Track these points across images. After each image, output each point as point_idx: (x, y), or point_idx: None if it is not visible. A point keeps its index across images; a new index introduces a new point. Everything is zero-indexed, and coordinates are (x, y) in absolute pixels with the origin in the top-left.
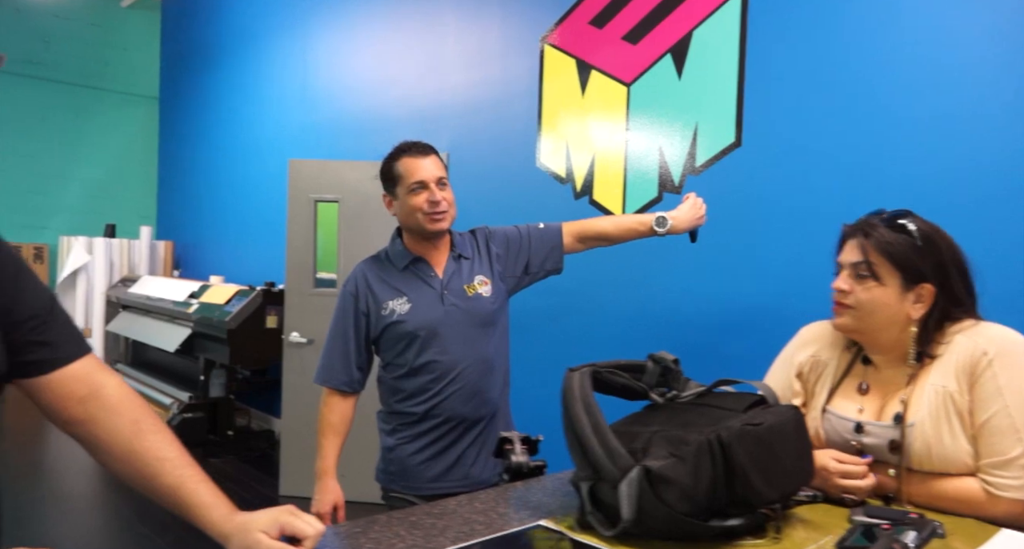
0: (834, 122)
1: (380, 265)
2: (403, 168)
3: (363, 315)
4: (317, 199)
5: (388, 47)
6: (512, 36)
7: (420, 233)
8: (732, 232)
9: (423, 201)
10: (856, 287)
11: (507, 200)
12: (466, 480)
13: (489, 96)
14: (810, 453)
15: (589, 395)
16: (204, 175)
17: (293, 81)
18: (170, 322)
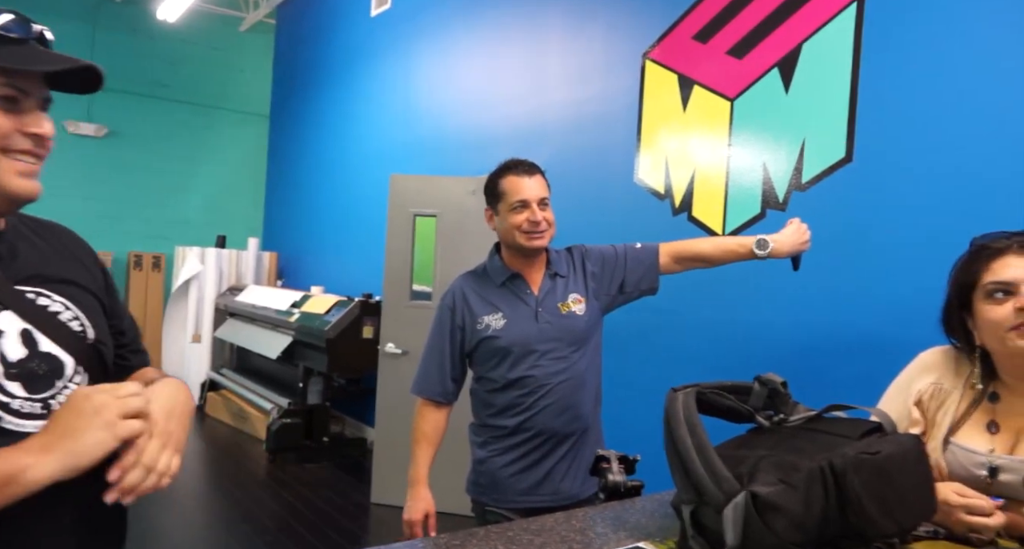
0: (951, 139)
1: (478, 280)
2: (507, 186)
3: (459, 329)
4: (416, 213)
5: (491, 65)
6: (614, 52)
7: (518, 250)
8: (840, 250)
9: (523, 220)
10: None
11: (605, 216)
12: (556, 495)
13: (590, 112)
14: (932, 486)
15: (694, 416)
16: (308, 189)
17: (396, 99)
18: (273, 330)
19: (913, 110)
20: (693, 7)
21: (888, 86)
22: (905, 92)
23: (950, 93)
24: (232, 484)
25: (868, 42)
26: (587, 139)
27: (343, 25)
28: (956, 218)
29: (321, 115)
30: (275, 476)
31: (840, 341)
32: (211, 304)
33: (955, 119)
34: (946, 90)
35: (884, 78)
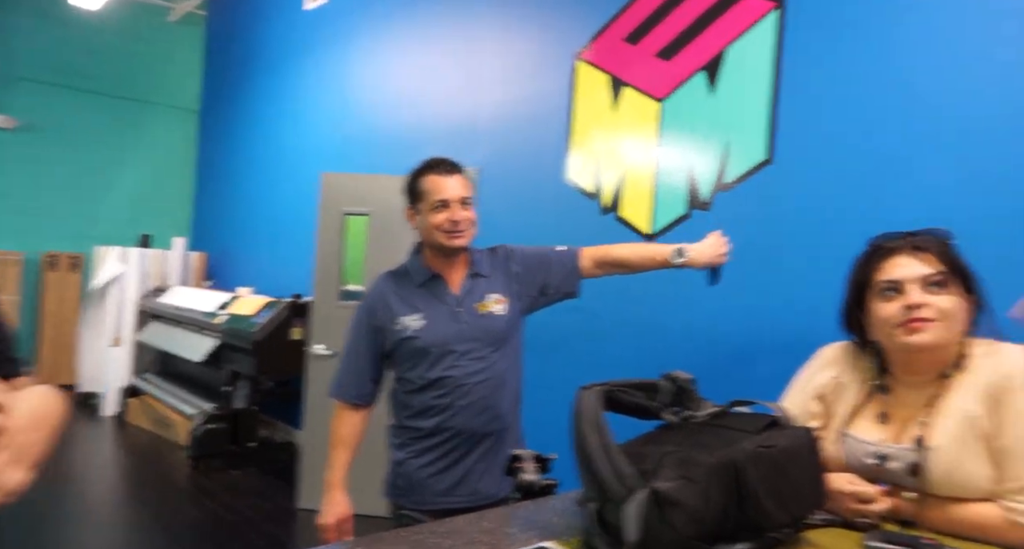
0: (866, 141)
1: (398, 280)
2: (428, 185)
3: (377, 330)
4: (347, 212)
5: (425, 64)
6: (546, 53)
7: (439, 249)
8: (760, 250)
9: (444, 219)
10: (932, 300)
11: (536, 216)
12: (474, 495)
13: (522, 112)
14: (823, 476)
15: (600, 414)
16: (239, 187)
17: (330, 96)
18: (198, 332)
19: (829, 114)
20: (624, 9)
21: (806, 91)
22: (822, 96)
23: (865, 98)
24: (152, 492)
25: (788, 48)
26: (519, 138)
27: (276, 19)
28: (870, 219)
29: (253, 111)
30: (198, 483)
31: (760, 339)
32: (133, 306)
33: (869, 123)
34: (861, 95)
35: (802, 83)
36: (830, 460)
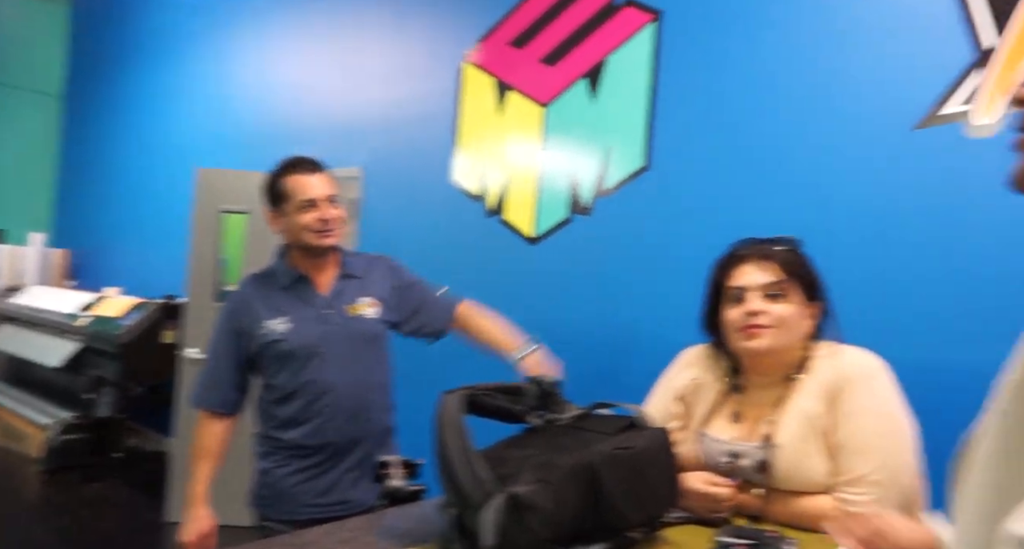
0: (735, 149)
1: (264, 282)
2: (292, 185)
3: (241, 334)
4: (224, 210)
5: (308, 59)
6: (433, 54)
7: (308, 250)
8: (637, 255)
9: (313, 219)
10: (770, 307)
11: (421, 217)
12: (345, 504)
13: (407, 112)
14: (678, 476)
15: (460, 419)
16: (107, 180)
17: (207, 87)
18: (57, 336)
19: (701, 123)
20: (509, 14)
21: (680, 100)
22: (695, 106)
23: (733, 108)
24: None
25: (664, 59)
26: (405, 139)
27: (151, 3)
28: (739, 224)
29: (123, 98)
30: (52, 499)
31: (637, 340)
32: None
33: (738, 132)
34: (730, 106)
35: (677, 93)
36: (688, 459)
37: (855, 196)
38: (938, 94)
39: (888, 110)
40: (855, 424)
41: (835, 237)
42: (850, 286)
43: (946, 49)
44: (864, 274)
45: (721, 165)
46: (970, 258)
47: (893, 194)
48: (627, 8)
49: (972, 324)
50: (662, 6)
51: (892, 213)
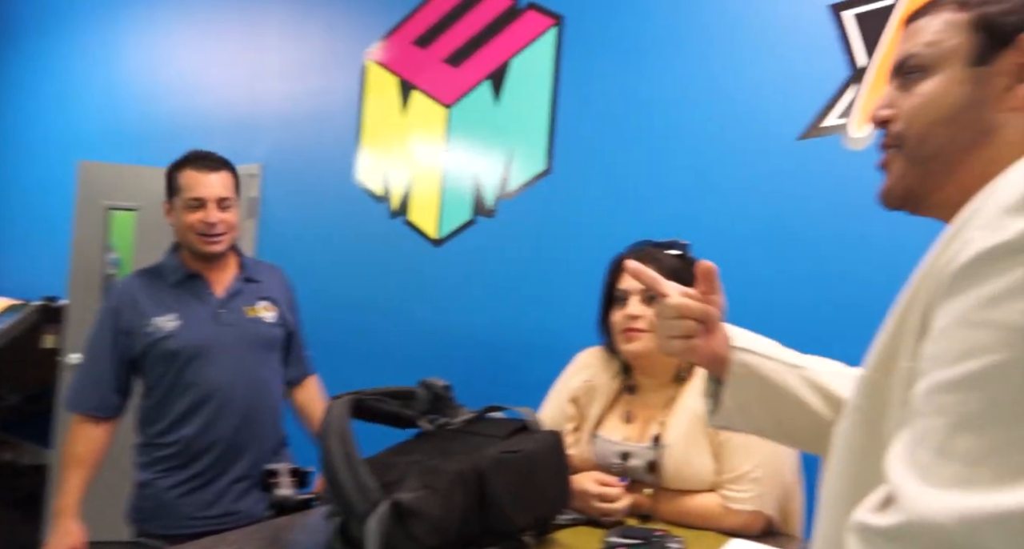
0: (631, 155)
1: (151, 279)
2: (185, 180)
3: (123, 333)
4: (111, 207)
5: (205, 48)
6: (336, 50)
7: (193, 251)
8: (539, 258)
9: (197, 220)
10: (648, 311)
11: (323, 216)
12: (231, 516)
13: (309, 109)
14: (567, 477)
15: (345, 425)
16: None
17: (94, 75)
18: None
19: (600, 128)
20: (413, 13)
21: (580, 105)
22: (593, 111)
23: (630, 115)
24: None
25: (565, 64)
26: (307, 135)
27: None
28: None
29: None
30: None
31: (538, 342)
32: None
33: (634, 138)
34: (626, 112)
35: (577, 98)
36: (581, 460)
37: (746, 201)
38: (819, 107)
39: (775, 120)
40: None
41: (727, 240)
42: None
43: (826, 65)
44: (754, 276)
45: (620, 170)
46: (849, 260)
47: (780, 200)
48: (529, 11)
49: (850, 323)
50: (563, 11)
51: (779, 218)
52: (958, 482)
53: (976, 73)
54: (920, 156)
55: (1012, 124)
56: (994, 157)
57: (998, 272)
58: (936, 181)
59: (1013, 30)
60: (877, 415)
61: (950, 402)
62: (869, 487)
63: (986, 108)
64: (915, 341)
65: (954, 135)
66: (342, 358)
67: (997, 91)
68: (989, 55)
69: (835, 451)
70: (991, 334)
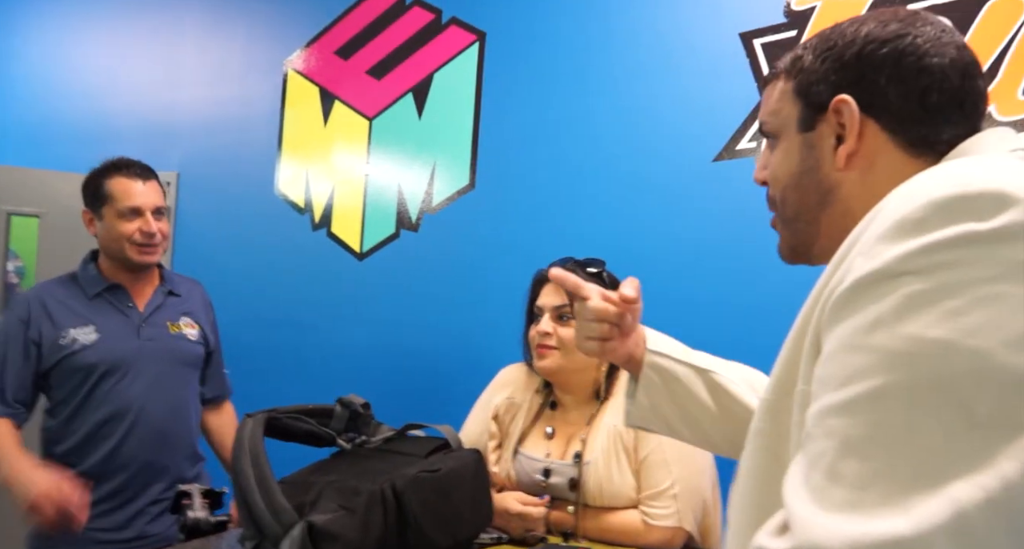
0: (552, 172)
1: (65, 289)
2: (116, 188)
3: (33, 344)
4: (11, 212)
5: (116, 49)
6: (256, 56)
7: (124, 262)
8: (463, 273)
9: (135, 229)
10: (559, 329)
11: (242, 228)
12: (143, 540)
13: (227, 116)
14: (488, 496)
15: (258, 444)
16: None
17: None
18: None
19: (523, 147)
20: (336, 22)
21: (502, 121)
22: (515, 128)
23: (551, 133)
24: None
25: (487, 80)
26: (224, 143)
27: None
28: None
29: None
30: None
31: (460, 358)
32: None
33: (554, 155)
34: (548, 130)
35: (499, 114)
36: (503, 479)
37: (664, 219)
38: (732, 130)
39: (691, 142)
40: (656, 440)
41: (646, 257)
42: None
43: (737, 90)
44: (671, 293)
45: (542, 186)
46: (764, 275)
47: (697, 218)
48: (452, 27)
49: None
50: (485, 27)
51: (695, 235)
52: (846, 506)
53: (806, 139)
54: (786, 218)
55: (847, 181)
56: (844, 211)
57: (876, 298)
58: (809, 236)
59: (824, 98)
60: (778, 438)
61: (837, 426)
62: (772, 510)
63: (821, 170)
64: (809, 364)
65: (802, 198)
66: (260, 375)
67: (826, 154)
68: (812, 121)
69: (740, 475)
70: (871, 358)
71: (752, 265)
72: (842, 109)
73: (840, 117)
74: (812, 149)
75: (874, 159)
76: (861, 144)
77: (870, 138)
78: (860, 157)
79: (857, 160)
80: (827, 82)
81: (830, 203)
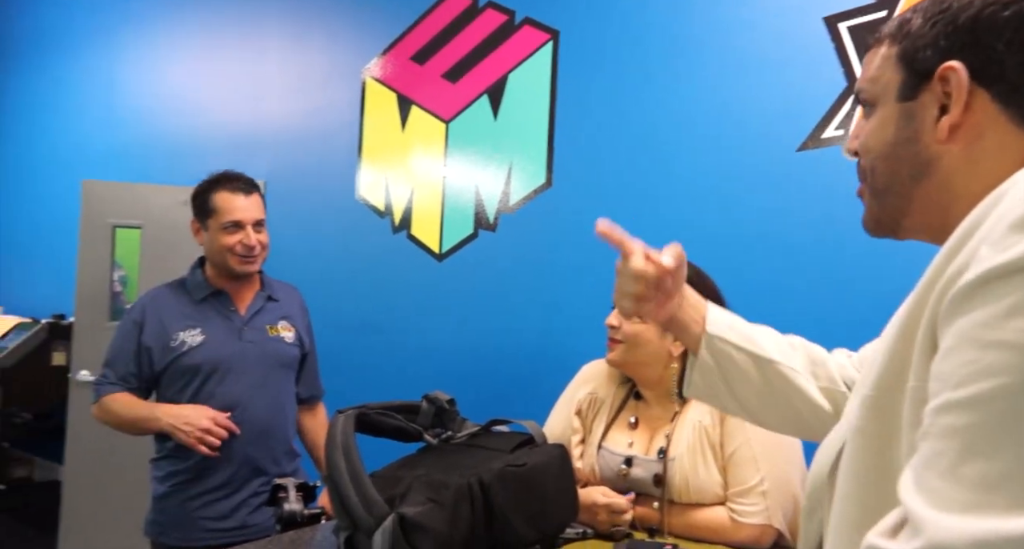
0: (631, 169)
1: (175, 294)
2: (221, 202)
3: (146, 347)
4: (116, 224)
5: (206, 68)
6: (335, 66)
7: (226, 271)
8: (541, 271)
9: (236, 242)
10: (624, 323)
11: (325, 233)
12: (244, 530)
13: (309, 125)
14: (574, 491)
15: (350, 439)
16: None
17: (95, 95)
18: None
19: (599, 142)
20: (411, 29)
21: (578, 118)
22: (593, 125)
23: (627, 127)
24: None
25: (562, 78)
26: (307, 152)
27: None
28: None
29: (2, 103)
30: None
31: (540, 356)
32: None
33: (632, 150)
34: (624, 124)
35: (575, 111)
36: (586, 473)
37: (745, 212)
38: (817, 119)
39: (774, 131)
40: (743, 436)
41: (726, 251)
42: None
43: (823, 77)
44: (752, 286)
45: (620, 181)
46: (848, 270)
47: (779, 210)
48: (525, 27)
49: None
50: (559, 26)
51: (778, 227)
52: (971, 508)
53: (905, 109)
54: (876, 189)
55: (948, 155)
56: (942, 186)
57: (1006, 292)
58: (898, 210)
59: (930, 65)
60: (886, 437)
61: (959, 425)
62: (879, 511)
63: (919, 142)
64: (923, 359)
65: (896, 169)
66: (345, 374)
67: (927, 125)
68: (914, 90)
69: (842, 475)
70: (1000, 355)
71: (836, 258)
72: (949, 76)
73: (946, 85)
74: (911, 119)
75: (981, 132)
76: (967, 116)
77: (978, 110)
78: (965, 130)
79: (961, 133)
80: (935, 47)
81: (926, 176)
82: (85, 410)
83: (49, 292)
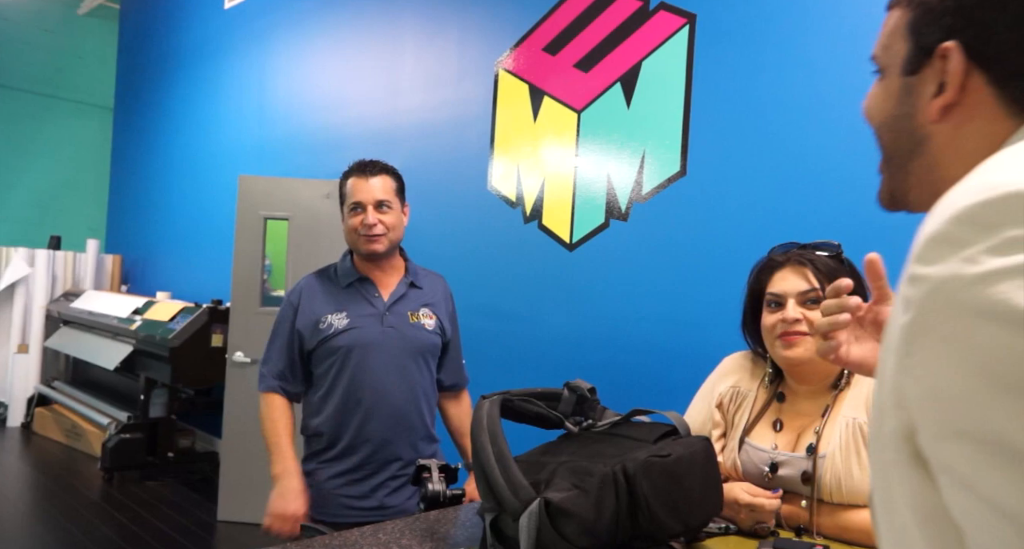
0: (769, 156)
1: (326, 280)
2: (348, 187)
3: (299, 329)
4: (267, 216)
5: (346, 66)
6: (468, 60)
7: (358, 253)
8: (675, 261)
9: (358, 223)
10: (809, 315)
11: (457, 222)
12: (383, 510)
13: (444, 118)
14: (719, 485)
15: (496, 424)
16: (156, 189)
17: (248, 97)
18: (112, 339)
19: (738, 129)
20: (543, 20)
21: (716, 105)
22: (732, 112)
23: (769, 113)
24: (61, 507)
25: (699, 63)
26: (441, 144)
27: (194, 15)
28: (776, 229)
29: (169, 110)
30: (110, 497)
31: (673, 347)
32: (41, 311)
33: (774, 136)
34: (765, 110)
35: (712, 98)
36: (728, 468)
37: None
38: None
39: None
40: None
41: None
42: None
43: None
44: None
45: (757, 170)
46: None
47: None
48: (660, 12)
49: None
50: (695, 9)
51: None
52: None
53: (907, 83)
54: (883, 159)
55: (939, 134)
56: (931, 164)
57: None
58: (901, 183)
59: (933, 41)
60: None
61: None
62: None
63: (915, 118)
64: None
65: (895, 140)
66: (479, 363)
67: (924, 102)
68: (917, 64)
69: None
70: None
71: None
72: (949, 55)
73: (945, 64)
74: (910, 95)
75: (972, 116)
76: (962, 96)
77: (973, 91)
78: (958, 111)
79: (955, 113)
80: (940, 24)
81: (920, 154)
82: (240, 389)
83: (209, 278)
